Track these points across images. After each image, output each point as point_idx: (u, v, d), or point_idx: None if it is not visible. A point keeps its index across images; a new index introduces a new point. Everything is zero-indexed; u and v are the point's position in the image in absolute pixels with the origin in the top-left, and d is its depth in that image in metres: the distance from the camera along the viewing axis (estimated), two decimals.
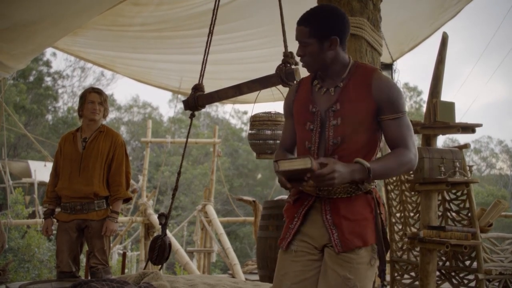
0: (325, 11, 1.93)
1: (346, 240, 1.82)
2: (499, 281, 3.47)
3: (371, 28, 3.42)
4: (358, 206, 1.86)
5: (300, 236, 1.92)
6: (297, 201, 1.97)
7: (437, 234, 3.11)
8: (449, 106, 3.26)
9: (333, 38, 1.86)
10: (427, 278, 3.27)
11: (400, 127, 1.85)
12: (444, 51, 3.36)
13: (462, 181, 3.16)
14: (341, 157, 1.84)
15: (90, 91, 3.54)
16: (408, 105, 30.95)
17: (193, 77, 6.62)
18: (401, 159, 1.82)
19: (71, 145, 3.48)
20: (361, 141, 1.86)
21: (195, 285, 2.62)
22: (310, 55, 1.90)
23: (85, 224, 3.35)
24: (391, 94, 1.84)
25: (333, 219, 1.85)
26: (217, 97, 3.02)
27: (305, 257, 1.91)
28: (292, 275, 1.90)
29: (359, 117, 1.85)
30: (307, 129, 1.93)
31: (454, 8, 5.74)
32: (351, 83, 1.90)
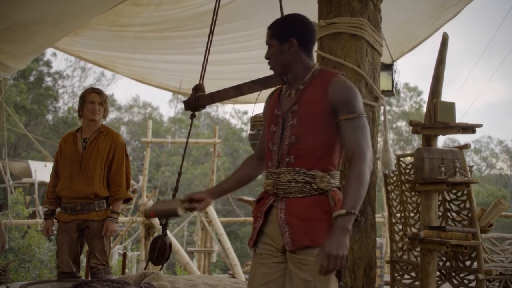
0: (287, 16, 2.13)
1: (296, 238, 1.89)
2: (499, 281, 3.47)
3: (371, 28, 3.42)
4: (312, 206, 1.91)
5: (263, 238, 2.01)
6: (260, 200, 2.07)
7: (437, 235, 3.11)
8: (450, 107, 3.26)
9: (292, 40, 2.02)
10: (427, 278, 3.27)
11: (354, 129, 1.92)
12: (444, 51, 3.37)
13: (463, 182, 3.16)
14: (296, 157, 1.93)
15: (90, 91, 3.55)
16: (408, 105, 30.98)
17: (194, 77, 6.63)
18: (360, 176, 1.86)
19: (71, 146, 3.49)
20: (316, 143, 1.94)
21: (196, 286, 2.63)
22: (273, 56, 2.06)
23: (86, 224, 3.37)
24: (346, 96, 1.93)
25: (286, 217, 1.92)
26: (217, 98, 3.04)
27: (269, 259, 1.98)
28: (259, 277, 1.99)
29: (314, 118, 1.94)
30: (271, 131, 2.03)
31: (454, 9, 5.74)
32: (311, 85, 2.01)
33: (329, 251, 1.74)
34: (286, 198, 1.95)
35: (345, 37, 3.35)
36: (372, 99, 3.36)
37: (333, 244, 1.75)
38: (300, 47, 2.03)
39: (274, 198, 2.00)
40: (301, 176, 1.92)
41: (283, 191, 1.95)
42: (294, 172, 1.93)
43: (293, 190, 1.93)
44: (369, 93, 3.35)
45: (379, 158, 3.45)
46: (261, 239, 2.01)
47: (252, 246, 2.04)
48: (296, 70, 2.05)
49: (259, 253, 2.01)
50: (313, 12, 3.72)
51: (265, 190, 2.06)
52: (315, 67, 2.07)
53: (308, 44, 2.06)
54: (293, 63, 2.05)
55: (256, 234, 2.01)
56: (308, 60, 2.06)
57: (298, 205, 1.91)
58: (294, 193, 1.93)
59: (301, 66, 2.05)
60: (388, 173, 4.15)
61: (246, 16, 5.36)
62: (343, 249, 1.74)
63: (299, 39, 2.03)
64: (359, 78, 3.31)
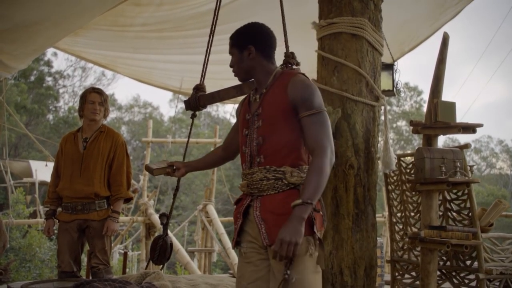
0: (245, 26, 2.24)
1: (272, 233, 1.95)
2: (499, 281, 3.48)
3: (372, 28, 3.42)
4: (285, 201, 1.97)
5: (246, 237, 2.08)
6: (238, 201, 2.17)
7: (438, 234, 3.12)
8: (450, 106, 3.27)
9: (250, 47, 2.14)
10: (428, 278, 3.27)
11: (314, 124, 1.99)
12: (445, 51, 3.37)
13: (463, 181, 3.17)
14: (265, 157, 2.03)
15: (91, 91, 3.56)
16: (409, 105, 31.00)
17: (194, 77, 6.64)
18: (320, 168, 1.91)
19: (72, 146, 3.50)
20: (282, 141, 2.03)
21: (197, 285, 2.64)
22: (235, 64, 2.21)
23: (86, 224, 3.37)
24: (304, 93, 2.02)
25: (261, 214, 2.00)
26: (218, 97, 3.05)
27: (254, 257, 2.05)
28: (247, 275, 2.05)
29: (276, 118, 2.04)
30: (244, 135, 2.14)
31: (454, 9, 5.75)
32: (272, 88, 2.12)
33: (282, 238, 1.80)
34: (260, 197, 2.03)
35: (346, 37, 3.36)
36: (373, 99, 3.36)
37: (287, 231, 1.80)
38: (259, 53, 2.15)
39: (251, 198, 2.08)
40: (271, 174, 2.00)
41: (257, 190, 2.04)
42: (265, 170, 2.02)
43: (265, 187, 2.01)
44: (369, 93, 3.35)
45: (380, 158, 3.46)
46: (244, 239, 2.08)
47: (235, 246, 2.12)
48: (257, 76, 2.17)
49: (244, 252, 2.08)
50: (313, 11, 3.73)
51: (242, 191, 2.15)
52: (276, 70, 2.17)
53: (266, 50, 2.17)
54: (254, 69, 2.17)
55: (237, 235, 2.09)
56: (268, 64, 2.17)
57: (272, 201, 1.99)
58: (267, 190, 2.01)
59: (262, 71, 2.16)
60: (388, 173, 4.15)
61: (246, 16, 5.35)
62: (296, 236, 1.80)
63: (256, 46, 2.15)
64: (360, 78, 3.32)
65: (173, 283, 2.68)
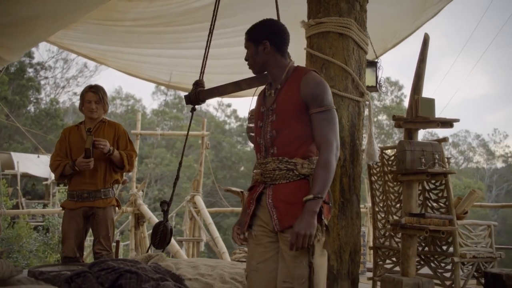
0: (261, 22, 2.34)
1: (283, 220, 2.10)
2: (472, 264, 3.75)
3: (358, 28, 3.61)
4: (295, 190, 2.12)
5: (258, 222, 2.22)
6: (252, 188, 2.31)
7: (417, 221, 3.35)
8: (430, 102, 3.49)
9: (265, 41, 2.25)
10: (407, 262, 3.51)
11: (323, 121, 2.15)
12: (425, 51, 3.59)
13: (441, 172, 3.40)
14: (278, 148, 2.17)
15: (87, 90, 3.68)
16: (389, 99, 31.46)
17: (183, 71, 6.79)
18: (327, 164, 2.08)
19: (76, 135, 3.64)
20: (294, 134, 2.16)
21: (197, 266, 2.82)
22: (250, 57, 2.31)
23: (92, 211, 3.51)
24: (315, 91, 2.15)
25: (273, 202, 2.15)
26: (217, 93, 3.21)
27: (264, 240, 2.20)
28: (257, 256, 2.20)
29: (289, 113, 2.17)
30: (258, 127, 2.27)
31: (436, 7, 5.98)
32: (286, 84, 2.23)
33: (298, 231, 1.98)
34: (272, 185, 2.18)
35: (333, 36, 3.53)
36: (358, 95, 3.56)
37: (302, 225, 1.98)
38: (273, 48, 2.26)
39: (264, 186, 2.23)
40: (283, 164, 2.15)
41: (270, 178, 2.18)
42: (278, 161, 2.17)
43: (278, 177, 2.16)
44: (355, 89, 3.55)
45: (364, 150, 3.68)
46: (255, 223, 2.23)
47: (247, 230, 2.26)
48: (271, 69, 2.29)
49: (254, 235, 2.23)
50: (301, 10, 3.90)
51: (255, 179, 2.29)
52: (290, 66, 2.30)
53: (280, 45, 2.29)
54: (268, 62, 2.28)
55: (250, 219, 2.24)
56: (282, 59, 2.29)
57: (283, 190, 2.14)
58: (279, 179, 2.16)
59: (275, 65, 2.28)
60: (372, 165, 4.38)
61: (237, 13, 5.51)
62: (310, 229, 1.98)
63: (271, 41, 2.26)
64: (346, 75, 3.51)
65: (175, 265, 2.85)
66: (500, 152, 33.60)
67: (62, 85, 26.80)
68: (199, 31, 5.78)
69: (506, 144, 33.84)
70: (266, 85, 2.39)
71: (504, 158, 33.71)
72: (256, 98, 2.47)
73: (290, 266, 2.05)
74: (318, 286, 2.02)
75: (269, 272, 2.13)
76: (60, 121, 23.37)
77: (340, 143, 3.45)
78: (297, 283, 2.00)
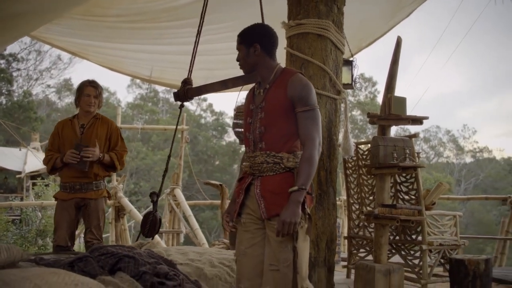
0: (252, 26, 2.54)
1: (270, 208, 2.31)
2: (438, 251, 4.04)
3: (335, 29, 3.81)
4: (281, 182, 2.33)
5: (246, 210, 2.42)
6: (241, 179, 2.50)
7: (389, 211, 3.59)
8: (401, 101, 3.73)
9: (255, 44, 2.43)
10: (380, 249, 3.75)
11: (307, 119, 2.35)
12: (398, 52, 3.83)
13: (411, 166, 3.65)
14: (266, 143, 2.36)
15: (87, 84, 3.78)
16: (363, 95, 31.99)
17: (164, 66, 6.91)
18: (310, 158, 2.29)
19: (69, 130, 3.74)
20: (281, 131, 2.36)
21: (186, 253, 2.99)
22: (242, 58, 2.48)
23: (84, 202, 3.64)
24: (301, 92, 2.36)
25: (261, 192, 2.35)
26: (204, 90, 3.37)
27: (252, 226, 2.40)
28: (245, 242, 2.41)
29: (277, 111, 2.37)
30: (248, 123, 2.47)
31: (409, 8, 6.24)
32: (274, 84, 2.42)
33: (284, 219, 2.17)
34: (260, 177, 2.37)
35: (312, 37, 3.73)
36: (335, 93, 3.77)
37: (287, 213, 2.18)
38: (263, 50, 2.44)
39: (252, 177, 2.42)
40: (271, 158, 2.35)
41: (258, 171, 2.38)
42: (265, 155, 2.36)
43: (265, 169, 2.35)
44: (332, 87, 3.75)
45: (340, 145, 3.90)
46: (244, 211, 2.43)
47: (236, 217, 2.45)
48: (261, 70, 2.47)
49: (243, 222, 2.42)
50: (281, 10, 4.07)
51: (244, 171, 2.48)
52: (278, 67, 2.49)
53: (269, 48, 2.47)
54: (258, 64, 2.46)
55: (239, 207, 2.43)
56: (270, 61, 2.48)
57: (270, 181, 2.34)
58: (266, 172, 2.35)
59: (264, 66, 2.46)
60: (347, 159, 4.62)
61: (219, 11, 5.65)
62: (295, 217, 2.18)
63: (261, 44, 2.44)
64: (324, 74, 3.71)
65: (166, 251, 3.01)
66: (469, 148, 34.64)
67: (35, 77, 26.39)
68: (181, 28, 5.91)
69: (474, 139, 34.94)
70: (255, 84, 2.57)
71: (473, 153, 34.77)
72: (240, 95, 2.64)
73: (276, 250, 2.25)
74: (301, 268, 2.23)
75: (256, 256, 2.33)
76: (33, 114, 23.02)
77: None
78: (282, 265, 2.21)
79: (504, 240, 6.18)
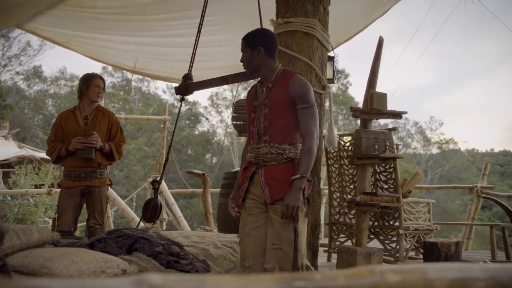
0: (256, 30, 2.81)
1: (274, 194, 2.57)
2: (413, 235, 4.37)
3: (321, 28, 4.05)
4: (284, 171, 2.59)
5: (250, 196, 2.68)
6: (245, 168, 2.76)
7: (370, 199, 3.88)
8: (382, 97, 4.01)
9: (259, 47, 2.66)
10: (361, 234, 4.04)
11: (306, 115, 2.62)
12: (380, 51, 4.10)
13: (391, 157, 3.95)
14: (270, 136, 2.62)
15: (96, 76, 3.96)
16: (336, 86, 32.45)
17: (148, 57, 7.03)
18: (310, 150, 2.56)
19: (73, 122, 3.88)
20: (283, 125, 2.63)
21: (188, 236, 3.19)
22: (246, 60, 2.71)
23: (88, 189, 3.80)
24: (301, 91, 2.62)
25: (265, 179, 2.61)
26: (205, 85, 3.56)
27: (255, 210, 2.66)
28: (249, 224, 2.66)
29: (279, 108, 2.62)
30: (251, 118, 2.72)
31: (385, 7, 6.55)
32: (276, 84, 2.67)
33: (288, 203, 2.44)
34: (264, 166, 2.62)
35: (300, 34, 3.95)
36: (321, 88, 4.01)
37: (291, 198, 2.45)
38: (266, 53, 2.68)
39: (256, 166, 2.66)
40: (274, 149, 2.60)
41: (262, 160, 2.62)
42: (269, 146, 2.61)
43: (269, 159, 2.60)
44: (318, 82, 3.99)
45: (325, 137, 4.16)
46: (248, 197, 2.67)
47: (241, 202, 2.69)
48: (263, 71, 2.70)
49: (247, 207, 2.67)
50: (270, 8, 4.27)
51: (248, 161, 2.72)
52: (279, 68, 2.73)
53: (272, 51, 2.72)
54: (261, 65, 2.69)
55: (244, 193, 2.66)
56: (272, 62, 2.72)
57: (274, 170, 2.60)
58: (270, 161, 2.61)
59: (267, 67, 2.69)
60: (329, 150, 4.89)
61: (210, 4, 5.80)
62: (297, 201, 2.45)
63: (265, 47, 2.67)
64: (311, 70, 3.95)
65: (170, 235, 3.20)
66: (435, 139, 35.64)
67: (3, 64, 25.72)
68: (167, 21, 6.05)
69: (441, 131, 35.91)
70: (257, 82, 2.79)
71: (439, 144, 35.80)
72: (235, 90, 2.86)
73: (279, 231, 2.49)
74: (301, 246, 2.48)
75: (260, 237, 2.58)
76: (2, 101, 22.52)
77: None
78: (285, 244, 2.46)
79: (470, 226, 6.61)
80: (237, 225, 3.77)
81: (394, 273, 0.71)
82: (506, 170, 33.26)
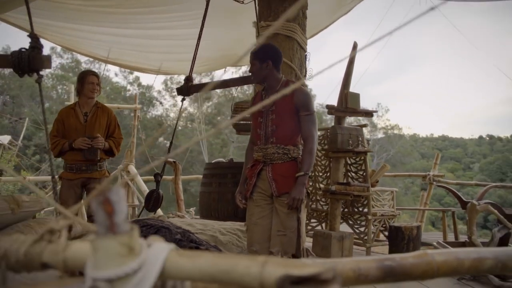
0: (264, 45, 3.17)
1: (280, 188, 2.98)
2: (380, 220, 4.87)
3: (301, 32, 4.39)
4: (289, 168, 3.01)
5: (257, 190, 3.07)
6: (253, 166, 3.13)
7: (344, 188, 4.33)
8: (356, 96, 4.44)
9: (268, 61, 3.07)
10: (334, 220, 4.50)
11: (308, 121, 3.05)
12: (354, 54, 4.51)
13: (363, 151, 4.40)
14: (277, 138, 3.02)
15: (89, 74, 4.12)
16: None
17: (121, 48, 7.17)
18: (311, 151, 2.98)
19: (73, 118, 4.06)
20: (288, 129, 3.03)
21: (191, 224, 3.50)
22: (255, 71, 3.12)
23: (89, 181, 4.01)
24: (304, 100, 3.04)
25: (273, 175, 3.01)
26: (206, 88, 3.83)
27: (262, 202, 3.05)
28: (256, 214, 3.05)
29: (285, 114, 3.03)
30: (258, 121, 3.11)
31: (349, 6, 6.99)
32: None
33: (294, 196, 2.86)
34: (271, 164, 3.01)
35: (282, 37, 4.28)
36: None
37: (296, 192, 2.87)
38: (273, 66, 3.06)
39: (263, 164, 3.04)
40: (280, 150, 3.00)
41: (269, 159, 3.02)
42: (276, 147, 3.01)
43: (276, 158, 3.00)
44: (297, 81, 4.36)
45: None
46: (255, 190, 3.05)
47: (249, 195, 3.05)
48: (270, 81, 3.09)
49: (254, 199, 3.04)
50: None
51: (256, 159, 3.09)
52: (282, 79, 3.10)
53: (277, 64, 3.10)
54: (268, 76, 3.07)
55: (252, 187, 3.02)
56: (277, 74, 3.10)
57: (280, 168, 3.00)
58: (276, 160, 3.01)
59: (273, 78, 3.08)
60: None
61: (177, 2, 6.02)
62: (301, 195, 2.88)
63: (272, 61, 3.05)
64: (291, 70, 4.29)
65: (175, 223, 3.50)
66: (381, 125, 37.10)
67: None
68: (145, 14, 6.22)
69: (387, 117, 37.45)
70: (262, 90, 3.14)
71: (385, 130, 37.31)
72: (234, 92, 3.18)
73: (284, 220, 2.88)
74: (302, 232, 2.89)
75: (265, 225, 2.96)
76: None
77: None
78: (289, 231, 2.86)
79: (423, 211, 7.27)
80: (220, 213, 4.16)
81: (439, 254, 1.10)
82: (444, 154, 35.35)
